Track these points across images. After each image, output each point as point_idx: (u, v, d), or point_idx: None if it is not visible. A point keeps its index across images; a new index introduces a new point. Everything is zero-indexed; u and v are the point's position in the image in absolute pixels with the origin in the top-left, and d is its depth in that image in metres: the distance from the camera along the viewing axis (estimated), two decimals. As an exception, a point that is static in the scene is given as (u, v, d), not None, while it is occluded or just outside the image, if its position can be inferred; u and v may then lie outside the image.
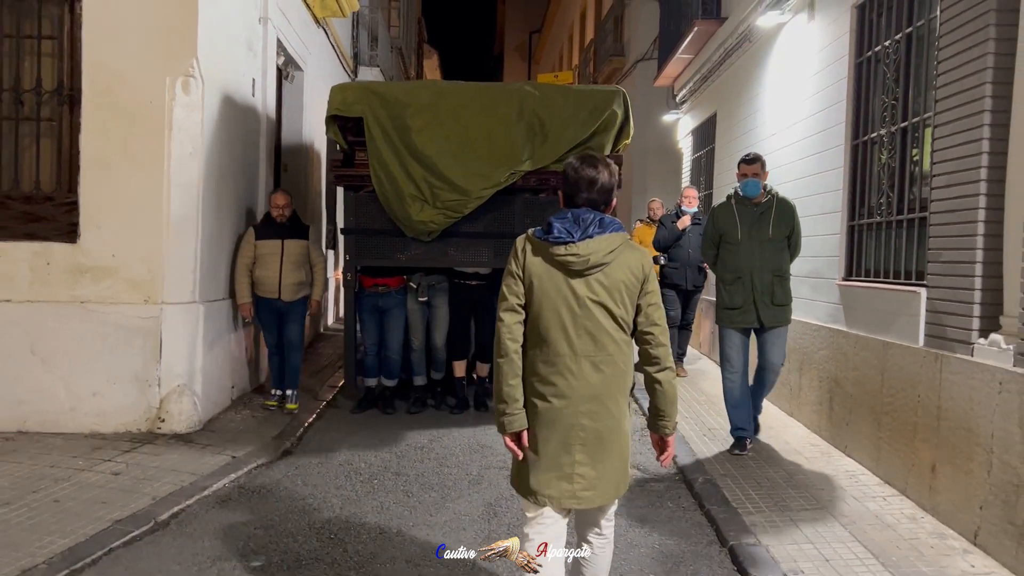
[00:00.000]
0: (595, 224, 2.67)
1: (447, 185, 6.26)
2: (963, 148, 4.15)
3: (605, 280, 2.66)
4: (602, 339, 2.67)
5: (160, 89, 5.68)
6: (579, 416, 2.68)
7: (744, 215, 5.42)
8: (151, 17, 5.65)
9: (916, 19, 4.90)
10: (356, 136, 6.49)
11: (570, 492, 2.71)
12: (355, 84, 7.14)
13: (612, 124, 6.40)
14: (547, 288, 2.68)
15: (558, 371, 2.67)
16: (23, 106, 5.73)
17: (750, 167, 5.44)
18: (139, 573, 3.66)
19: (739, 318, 5.39)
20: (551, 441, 2.70)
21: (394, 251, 6.55)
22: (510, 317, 2.72)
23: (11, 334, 5.60)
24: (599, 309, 2.66)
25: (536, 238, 2.74)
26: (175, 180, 5.76)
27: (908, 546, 3.95)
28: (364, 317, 6.76)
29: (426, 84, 6.77)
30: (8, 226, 5.67)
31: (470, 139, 6.34)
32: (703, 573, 3.75)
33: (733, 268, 5.41)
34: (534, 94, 6.47)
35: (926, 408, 4.42)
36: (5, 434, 5.58)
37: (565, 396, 2.67)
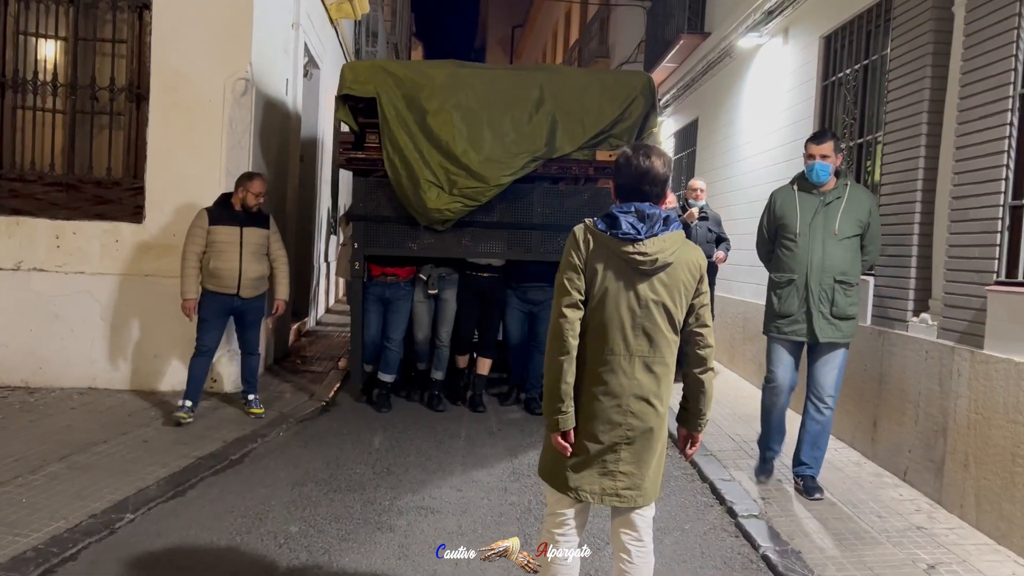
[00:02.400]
0: (660, 221, 2.57)
1: (465, 172, 5.97)
2: (904, 164, 5.11)
3: (667, 280, 2.57)
4: (657, 339, 2.59)
5: (219, 89, 6.45)
6: (627, 415, 2.59)
7: (806, 204, 4.52)
8: (211, 25, 6.42)
9: (872, 53, 5.86)
10: (367, 118, 6.23)
11: (612, 490, 2.63)
12: (366, 62, 6.66)
13: (637, 111, 6.19)
14: (609, 285, 2.57)
15: (611, 369, 2.58)
16: (97, 102, 6.48)
17: (819, 146, 4.48)
18: (232, 493, 4.49)
19: (788, 328, 4.54)
20: (597, 438, 2.62)
21: (405, 240, 6.25)
22: (573, 313, 2.57)
23: (84, 302, 6.37)
24: (659, 309, 2.57)
25: (599, 231, 2.60)
26: (227, 169, 6.54)
27: (852, 482, 4.92)
28: (368, 307, 6.41)
29: (441, 64, 6.32)
30: (82, 207, 6.42)
31: (488, 124, 6.07)
32: (685, 492, 4.67)
33: (787, 267, 4.55)
34: (556, 77, 6.24)
35: (871, 375, 5.39)
36: (78, 389, 6.36)
37: (615, 395, 2.58)
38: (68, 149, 6.46)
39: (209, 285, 5.72)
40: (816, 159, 4.49)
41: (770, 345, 4.72)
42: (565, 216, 6.20)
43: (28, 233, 6.33)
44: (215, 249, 5.67)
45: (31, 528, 3.78)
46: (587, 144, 6.14)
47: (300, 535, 3.93)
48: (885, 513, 4.41)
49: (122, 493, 4.30)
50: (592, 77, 6.36)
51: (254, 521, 4.09)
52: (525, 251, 6.28)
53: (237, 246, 5.69)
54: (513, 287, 6.54)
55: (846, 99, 6.25)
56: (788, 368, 4.67)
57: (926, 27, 4.93)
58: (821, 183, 4.53)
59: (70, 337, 6.37)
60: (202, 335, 5.73)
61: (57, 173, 6.47)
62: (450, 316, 6.52)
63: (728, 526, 4.30)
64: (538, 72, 6.39)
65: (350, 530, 4.02)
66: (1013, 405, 3.88)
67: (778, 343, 4.66)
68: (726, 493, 4.68)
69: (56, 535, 3.72)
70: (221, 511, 4.21)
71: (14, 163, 6.42)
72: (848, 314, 4.47)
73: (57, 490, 4.28)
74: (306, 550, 3.76)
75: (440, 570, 3.57)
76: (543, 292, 6.45)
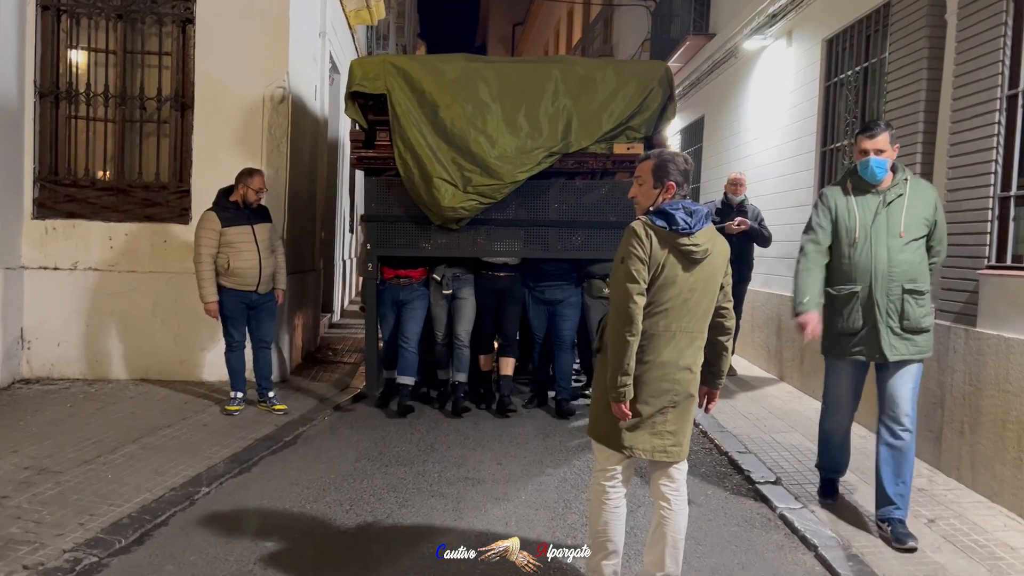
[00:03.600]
0: (703, 217, 3.01)
1: (479, 168, 5.86)
2: (902, 160, 5.51)
3: (708, 266, 3.01)
4: (700, 317, 3.04)
5: (258, 98, 6.88)
6: (675, 383, 3.00)
7: (864, 206, 3.97)
8: (251, 38, 6.84)
9: (871, 56, 6.29)
10: (377, 115, 6.09)
11: (661, 447, 3.05)
12: (376, 58, 6.50)
13: (655, 102, 6.06)
14: (668, 273, 2.95)
15: (664, 344, 2.99)
16: (145, 111, 6.91)
17: (872, 140, 3.92)
18: (293, 469, 4.92)
19: (852, 347, 4.00)
20: (650, 404, 3.01)
21: (419, 240, 6.13)
22: (642, 299, 2.94)
23: (136, 299, 6.80)
24: (703, 291, 3.00)
25: (658, 226, 2.98)
26: (267, 172, 6.95)
27: (859, 452, 5.30)
28: (384, 311, 6.31)
29: (453, 58, 6.16)
30: (132, 210, 6.85)
31: (502, 118, 5.96)
32: (705, 463, 5.11)
33: (847, 278, 3.99)
34: (572, 69, 6.11)
35: (874, 355, 5.82)
36: (132, 381, 6.80)
37: (666, 366, 3.00)
38: (118, 156, 6.89)
39: (228, 283, 5.83)
40: (870, 155, 3.91)
41: (830, 367, 4.18)
42: (583, 212, 6.13)
43: (83, 235, 6.76)
44: (233, 249, 5.79)
45: (122, 499, 4.21)
46: (604, 137, 6.01)
47: (362, 503, 4.37)
48: (889, 478, 4.84)
49: (194, 470, 4.74)
50: (609, 68, 6.16)
51: (318, 492, 4.53)
52: (542, 249, 6.16)
53: (253, 244, 5.83)
54: (530, 287, 6.39)
55: (848, 99, 6.68)
56: (851, 392, 4.18)
57: (921, 33, 5.36)
58: (878, 182, 3.96)
59: (123, 332, 6.81)
60: (231, 332, 5.95)
61: (109, 179, 6.91)
62: (469, 315, 6.34)
63: (746, 491, 4.74)
64: (553, 64, 6.24)
65: (407, 498, 4.45)
66: (1003, 376, 4.32)
67: (840, 364, 4.12)
68: (743, 463, 5.12)
69: (145, 505, 4.16)
70: (286, 484, 4.65)
71: (69, 170, 6.85)
72: (922, 326, 3.91)
73: (136, 467, 4.71)
74: (370, 514, 4.20)
75: (491, 528, 4.01)
76: (561, 291, 6.32)
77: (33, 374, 6.70)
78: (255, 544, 3.79)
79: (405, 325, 6.24)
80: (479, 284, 6.38)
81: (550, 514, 4.25)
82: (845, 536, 3.98)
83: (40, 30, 6.65)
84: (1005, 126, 4.48)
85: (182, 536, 3.88)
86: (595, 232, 6.11)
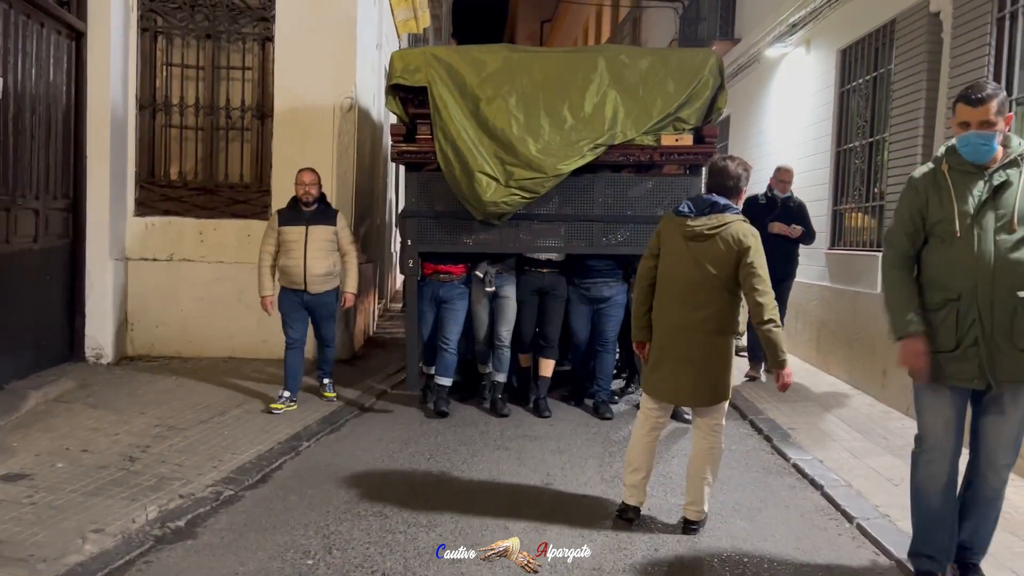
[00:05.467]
0: (709, 206, 3.81)
1: (521, 162, 5.73)
2: (906, 159, 6.26)
3: (708, 247, 3.75)
4: (708, 289, 3.77)
5: (329, 108, 7.73)
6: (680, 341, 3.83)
7: (966, 191, 3.13)
8: (323, 54, 7.68)
9: (879, 67, 7.00)
10: (418, 108, 5.97)
11: (673, 393, 3.89)
12: (417, 50, 6.30)
13: (705, 91, 5.88)
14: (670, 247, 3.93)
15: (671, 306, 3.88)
16: (230, 119, 7.80)
17: (976, 109, 3.08)
18: (377, 428, 5.77)
19: (951, 369, 3.18)
20: (664, 355, 3.88)
21: (460, 235, 6.03)
22: (646, 262, 4.04)
23: (225, 286, 7.69)
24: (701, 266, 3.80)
25: (671, 213, 3.96)
26: (336, 173, 7.82)
27: (865, 418, 6.12)
28: (424, 308, 6.22)
29: (495, 49, 6.03)
30: (219, 208, 7.75)
31: (546, 110, 5.84)
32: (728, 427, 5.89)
33: (943, 282, 3.18)
34: (618, 58, 5.95)
35: (881, 333, 6.54)
36: (221, 359, 7.70)
37: (674, 324, 3.84)
38: (207, 160, 7.79)
39: (282, 282, 6.07)
40: (972, 127, 3.08)
41: (921, 395, 3.30)
42: (628, 206, 5.99)
43: (178, 230, 7.66)
44: (284, 248, 5.99)
45: (240, 449, 5.09)
46: (652, 128, 5.83)
47: (440, 454, 5.21)
48: (890, 436, 5.61)
49: (293, 429, 5.60)
50: (656, 57, 6.02)
51: (401, 445, 5.38)
52: (586, 244, 6.03)
53: (302, 244, 5.93)
54: (575, 284, 6.23)
55: (859, 104, 7.39)
56: (952, 426, 3.23)
57: (922, 48, 6.08)
58: (984, 162, 3.12)
59: (213, 315, 7.71)
60: (287, 330, 6.09)
61: (199, 180, 7.80)
62: (510, 315, 6.19)
63: (765, 448, 5.52)
64: (598, 53, 6.05)
65: (476, 450, 5.29)
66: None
67: (934, 394, 3.24)
68: (761, 425, 5.90)
69: (260, 454, 5.03)
70: (373, 440, 5.50)
71: (164, 173, 7.76)
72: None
73: (246, 426, 5.59)
74: (448, 462, 5.04)
75: (552, 471, 4.83)
76: (608, 288, 6.16)
77: (136, 352, 7.63)
78: (359, 481, 4.65)
79: (445, 326, 6.12)
80: (521, 281, 6.22)
81: (597, 462, 5.07)
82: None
83: (140, 50, 7.55)
84: (988, 133, 5.19)
85: (295, 477, 4.74)
86: (642, 227, 5.93)
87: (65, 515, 3.89)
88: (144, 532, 3.79)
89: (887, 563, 3.72)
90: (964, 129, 3.13)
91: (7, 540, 3.59)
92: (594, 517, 4.15)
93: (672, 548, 3.80)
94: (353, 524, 4.01)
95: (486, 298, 6.19)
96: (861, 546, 3.92)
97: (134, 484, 4.37)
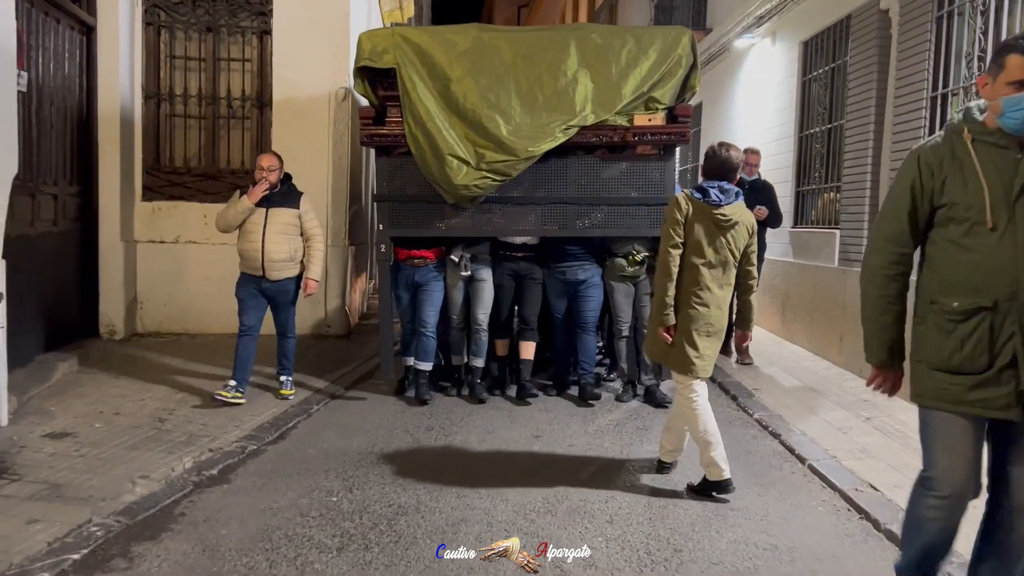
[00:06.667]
0: (733, 194, 4.11)
1: (493, 144, 5.62)
2: (859, 143, 6.86)
3: (734, 233, 4.06)
4: (727, 270, 4.09)
5: (325, 97, 8.20)
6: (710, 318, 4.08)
7: (997, 168, 2.49)
8: (319, 46, 8.13)
9: (837, 58, 7.59)
10: (388, 91, 5.83)
11: (703, 367, 4.07)
12: (385, 31, 6.15)
13: (679, 71, 5.76)
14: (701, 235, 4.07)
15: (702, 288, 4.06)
16: (231, 109, 8.25)
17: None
18: (382, 393, 6.31)
19: (977, 395, 2.53)
20: (697, 333, 4.07)
21: (432, 219, 5.90)
22: (676, 252, 4.08)
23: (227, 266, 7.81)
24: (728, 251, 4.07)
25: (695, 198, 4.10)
26: (332, 159, 8.30)
27: (822, 379, 6.75)
28: (400, 293, 6.12)
29: (465, 29, 5.91)
30: (222, 192, 8.18)
31: (516, 90, 5.71)
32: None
33: (972, 284, 2.53)
34: (590, 37, 5.81)
35: (837, 303, 7.18)
36: (228, 335, 8.13)
37: (706, 305, 4.06)
38: (209, 147, 8.24)
39: (241, 267, 5.82)
40: (1017, 88, 2.42)
41: (934, 426, 2.63)
42: (603, 188, 5.89)
43: (183, 214, 8.12)
44: (243, 230, 5.72)
45: (257, 412, 5.60)
46: (624, 108, 5.73)
47: (440, 414, 5.76)
48: (843, 394, 6.24)
49: (305, 393, 6.15)
50: (628, 35, 5.85)
51: (403, 407, 5.93)
52: (560, 227, 5.92)
53: (260, 227, 5.65)
54: (550, 267, 6.13)
55: (819, 93, 7.98)
56: (972, 467, 2.60)
57: (873, 43, 6.66)
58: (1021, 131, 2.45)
59: (217, 294, 8.15)
60: (240, 316, 5.82)
61: (202, 166, 8.24)
62: (487, 297, 6.09)
63: (732, 405, 6.13)
64: (569, 32, 5.95)
65: (472, 409, 5.84)
66: (926, 312, 5.64)
67: (951, 420, 2.59)
68: (728, 386, 6.52)
69: (276, 415, 5.54)
70: (378, 403, 6.06)
71: (169, 160, 8.20)
72: None
73: (260, 391, 6.11)
74: (447, 419, 5.59)
75: (576, 443, 5.37)
76: (583, 271, 6.06)
77: (145, 329, 8.10)
78: (368, 436, 5.20)
79: (422, 309, 6.03)
80: (496, 265, 6.14)
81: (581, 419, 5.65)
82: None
83: (145, 44, 7.97)
84: (928, 119, 5.81)
85: (311, 434, 5.28)
86: (616, 209, 5.90)
87: (112, 465, 4.40)
88: (183, 478, 4.31)
89: (832, 494, 4.32)
90: (1013, 91, 2.42)
91: (67, 484, 4.10)
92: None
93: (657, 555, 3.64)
94: (368, 469, 4.56)
95: (462, 282, 6.09)
96: (811, 481, 4.52)
97: (167, 440, 4.88)
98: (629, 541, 3.66)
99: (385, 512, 3.94)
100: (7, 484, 4.05)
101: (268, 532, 3.69)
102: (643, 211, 5.90)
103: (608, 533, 3.75)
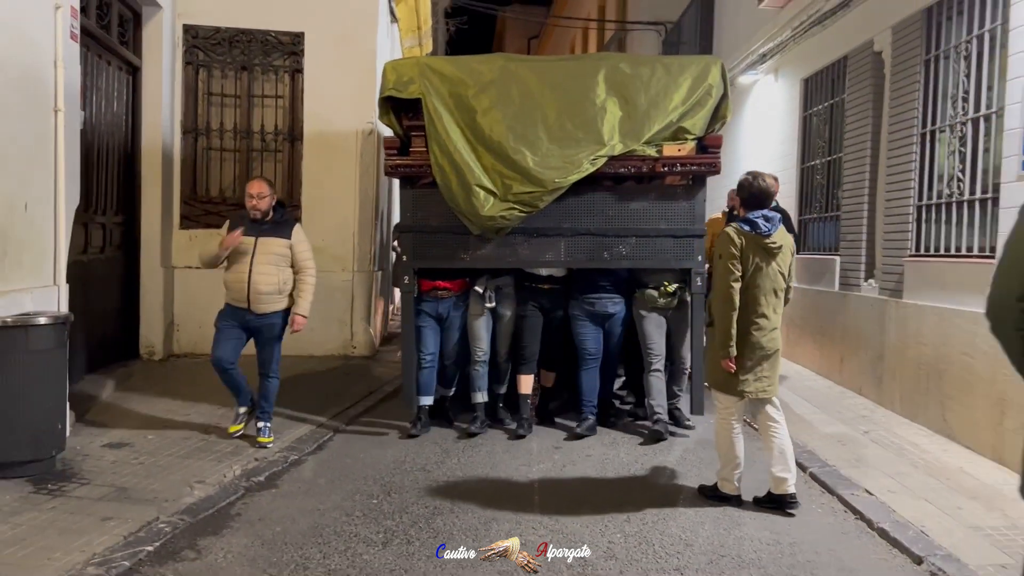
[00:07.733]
0: (777, 222, 4.41)
1: (519, 175, 5.53)
2: (856, 176, 7.30)
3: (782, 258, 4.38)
4: (780, 294, 4.39)
5: (353, 132, 8.70)
6: (769, 341, 4.34)
7: None
8: (347, 84, 8.64)
9: (835, 95, 8.05)
10: (412, 120, 5.77)
11: (762, 388, 4.33)
12: (410, 60, 6.10)
13: (709, 100, 5.66)
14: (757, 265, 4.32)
15: (760, 315, 4.32)
16: (264, 143, 8.76)
17: None
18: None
19: None
20: (754, 358, 4.32)
21: (457, 250, 5.77)
22: (738, 284, 4.31)
23: (260, 291, 8.61)
24: (779, 276, 4.39)
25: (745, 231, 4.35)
26: (359, 189, 8.78)
27: (824, 398, 7.12)
28: (421, 325, 5.93)
29: (491, 58, 5.91)
30: (254, 221, 8.67)
31: (544, 121, 5.63)
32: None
33: None
34: (618, 67, 5.73)
35: (839, 326, 7.58)
36: (258, 355, 8.61)
37: (763, 330, 4.32)
38: (243, 178, 8.72)
39: (226, 298, 5.53)
40: None
41: None
42: (631, 219, 5.73)
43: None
44: (231, 259, 5.43)
45: (296, 426, 6.02)
46: (653, 138, 5.61)
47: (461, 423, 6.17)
48: (844, 411, 6.62)
49: (339, 407, 6.56)
50: (658, 64, 5.78)
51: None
52: (588, 259, 5.78)
53: (248, 256, 5.35)
54: (578, 298, 5.99)
55: (819, 127, 8.44)
56: None
57: (867, 83, 7.12)
58: None
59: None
60: (214, 346, 5.55)
61: (236, 196, 8.73)
62: (508, 330, 6.05)
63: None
64: (598, 62, 5.93)
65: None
66: (918, 333, 6.07)
67: None
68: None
69: (312, 428, 5.98)
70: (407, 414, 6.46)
71: (206, 190, 8.70)
72: None
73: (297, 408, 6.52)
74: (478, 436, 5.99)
75: (593, 453, 5.78)
76: (613, 304, 5.94)
77: (181, 350, 8.54)
78: (401, 447, 5.61)
79: (445, 344, 6.02)
80: (521, 297, 6.06)
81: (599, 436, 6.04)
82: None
83: (184, 82, 8.50)
84: (919, 153, 6.25)
85: (346, 445, 5.70)
86: (644, 240, 5.73)
87: (170, 471, 4.82)
88: (235, 483, 4.73)
89: (830, 498, 4.70)
90: None
91: (131, 487, 4.52)
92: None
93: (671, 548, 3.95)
94: (404, 476, 4.98)
95: (486, 314, 5.97)
96: (812, 487, 4.90)
97: (216, 450, 5.30)
98: (645, 536, 4.06)
99: (423, 512, 4.35)
100: (78, 487, 4.48)
101: (318, 529, 4.10)
102: (670, 243, 5.74)
103: (627, 530, 4.14)
